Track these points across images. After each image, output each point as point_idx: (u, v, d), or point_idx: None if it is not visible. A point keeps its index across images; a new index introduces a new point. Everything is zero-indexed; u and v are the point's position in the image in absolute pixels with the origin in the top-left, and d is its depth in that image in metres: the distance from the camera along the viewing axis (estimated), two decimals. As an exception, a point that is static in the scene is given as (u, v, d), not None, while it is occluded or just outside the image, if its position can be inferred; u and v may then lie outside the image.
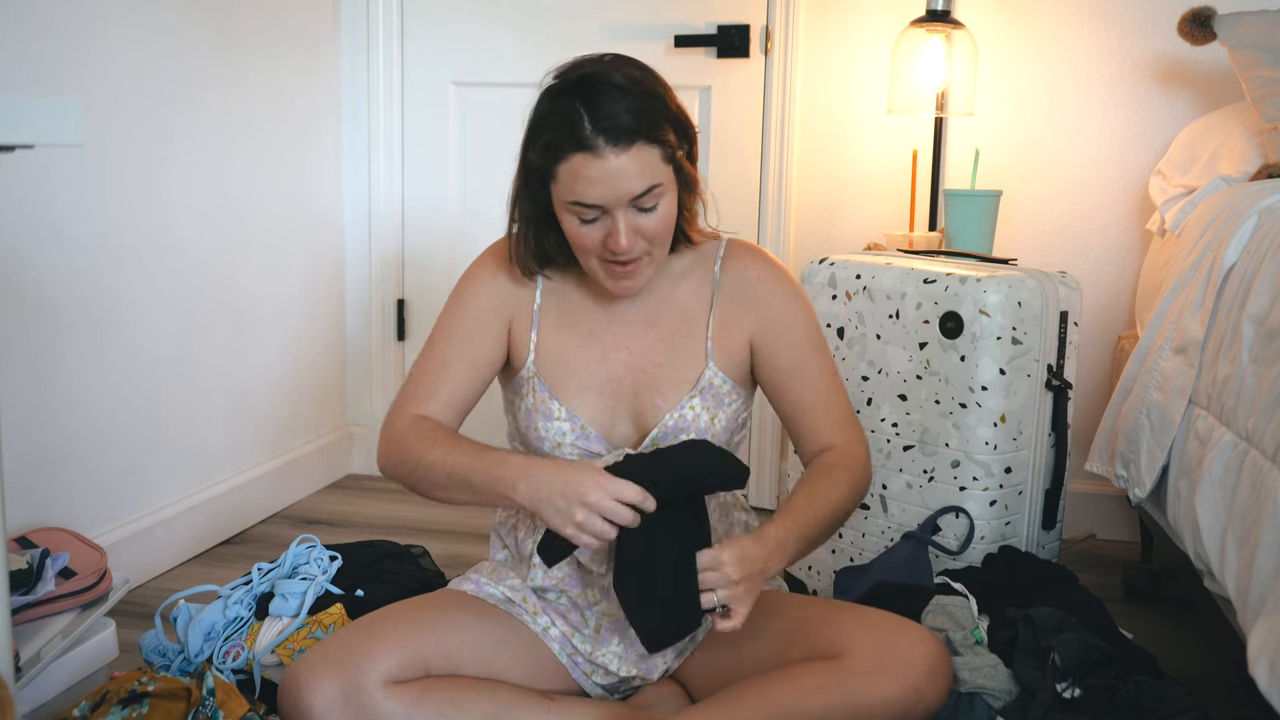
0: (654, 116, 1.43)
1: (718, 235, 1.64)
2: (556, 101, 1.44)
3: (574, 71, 1.45)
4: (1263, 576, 1.27)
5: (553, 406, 1.55)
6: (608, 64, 1.45)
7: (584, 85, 1.42)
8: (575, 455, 1.55)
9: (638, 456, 1.45)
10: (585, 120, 1.40)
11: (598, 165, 1.40)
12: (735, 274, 1.61)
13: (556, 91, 1.45)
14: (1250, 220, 1.70)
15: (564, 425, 1.55)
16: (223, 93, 2.47)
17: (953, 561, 1.94)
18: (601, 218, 1.45)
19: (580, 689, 1.58)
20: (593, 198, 1.42)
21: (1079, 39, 2.60)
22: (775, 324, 1.60)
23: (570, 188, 1.43)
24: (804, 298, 1.64)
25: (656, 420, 1.55)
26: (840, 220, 2.75)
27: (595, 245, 1.47)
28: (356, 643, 1.45)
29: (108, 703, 1.47)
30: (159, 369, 2.32)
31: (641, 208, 1.45)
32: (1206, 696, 1.57)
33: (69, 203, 2.05)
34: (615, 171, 1.41)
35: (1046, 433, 1.98)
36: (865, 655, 1.41)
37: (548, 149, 1.44)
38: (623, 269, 1.49)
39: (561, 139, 1.42)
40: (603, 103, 1.40)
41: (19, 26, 1.92)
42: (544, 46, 2.87)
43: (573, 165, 1.42)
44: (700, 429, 1.56)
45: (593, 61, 1.46)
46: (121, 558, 2.13)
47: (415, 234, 3.02)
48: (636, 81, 1.44)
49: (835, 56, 2.71)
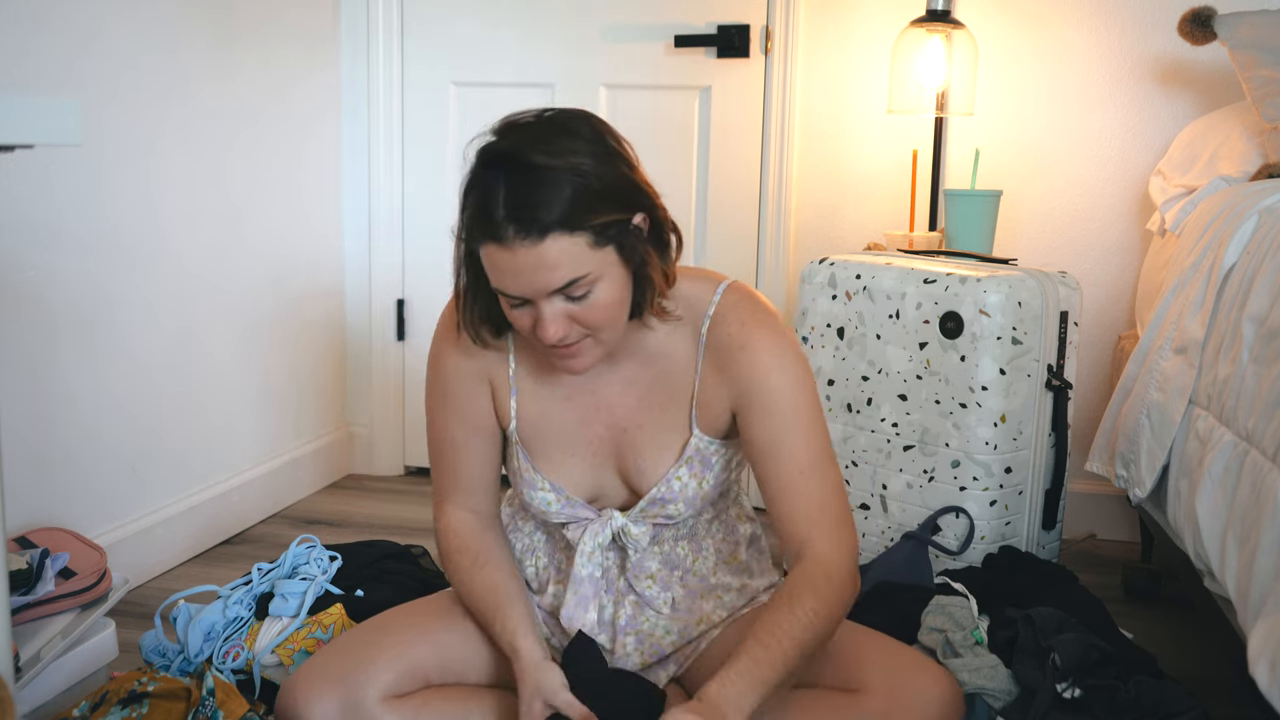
0: (584, 199, 1.26)
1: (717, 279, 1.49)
2: (479, 174, 1.31)
3: (502, 139, 1.31)
4: (1263, 576, 1.27)
5: (536, 478, 1.51)
6: (535, 133, 1.30)
7: (505, 160, 1.28)
8: (564, 519, 1.52)
9: (582, 660, 1.44)
10: (500, 203, 1.26)
11: (507, 257, 1.27)
12: (720, 338, 1.44)
13: (483, 161, 1.31)
14: (1250, 220, 1.70)
15: (548, 495, 1.51)
16: (221, 90, 2.47)
17: (953, 561, 1.94)
18: (527, 304, 1.32)
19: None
20: (511, 289, 1.30)
21: (1079, 39, 2.60)
22: (753, 396, 1.43)
23: (490, 272, 1.31)
24: (792, 367, 1.44)
25: (643, 482, 1.49)
26: (840, 220, 2.75)
27: (528, 329, 1.34)
28: (354, 657, 1.44)
29: (108, 703, 1.47)
30: (158, 369, 2.32)
31: (570, 296, 1.30)
32: (1206, 696, 1.57)
33: (67, 202, 2.05)
34: (528, 265, 1.27)
35: (1046, 433, 1.98)
36: (881, 695, 1.38)
37: (468, 228, 1.32)
38: (564, 351, 1.36)
39: (474, 222, 1.30)
40: (519, 186, 1.26)
41: (18, 25, 1.92)
42: (544, 46, 2.87)
43: (488, 252, 1.29)
44: (689, 497, 1.48)
45: (520, 128, 1.31)
46: (121, 558, 2.13)
47: (415, 234, 3.02)
48: (563, 155, 1.27)
49: (835, 56, 2.71)
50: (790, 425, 1.42)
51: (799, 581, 1.36)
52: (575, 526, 1.51)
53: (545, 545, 1.59)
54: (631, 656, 1.53)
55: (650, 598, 1.53)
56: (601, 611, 1.53)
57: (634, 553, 1.52)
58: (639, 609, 1.54)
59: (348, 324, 3.05)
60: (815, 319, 2.10)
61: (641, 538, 1.50)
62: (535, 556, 1.59)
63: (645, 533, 1.50)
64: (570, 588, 1.50)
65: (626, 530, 1.49)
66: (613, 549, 1.53)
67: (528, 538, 1.60)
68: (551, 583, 1.57)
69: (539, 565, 1.59)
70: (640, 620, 1.54)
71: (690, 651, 1.55)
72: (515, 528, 1.63)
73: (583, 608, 1.50)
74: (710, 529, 1.57)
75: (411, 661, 1.45)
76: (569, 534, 1.52)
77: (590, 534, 1.49)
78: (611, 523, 1.50)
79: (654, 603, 1.53)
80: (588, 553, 1.49)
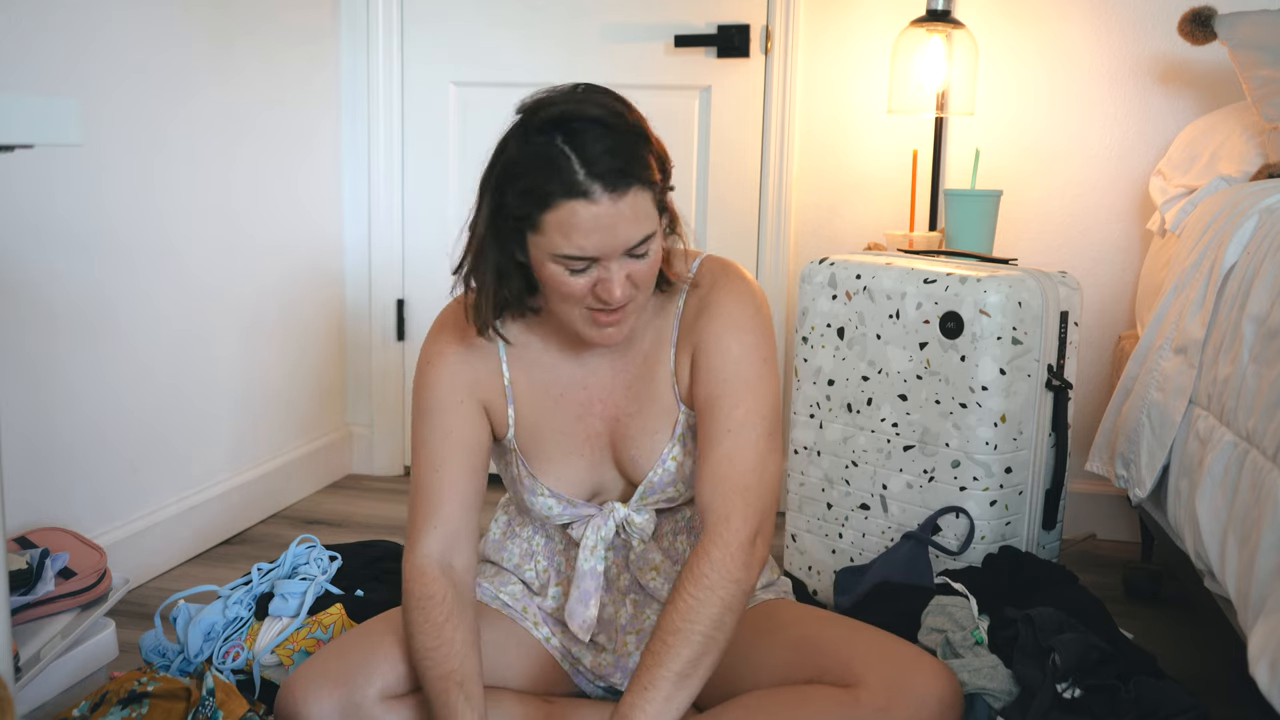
0: (641, 155, 1.30)
1: (694, 254, 1.49)
2: (533, 141, 1.29)
3: (547, 107, 1.30)
4: (1263, 576, 1.27)
5: (536, 485, 1.51)
6: (583, 97, 1.31)
7: (563, 122, 1.28)
8: (566, 519, 1.53)
9: None
10: (575, 162, 1.26)
11: (593, 214, 1.26)
12: (691, 305, 1.47)
13: (532, 129, 1.30)
14: (1251, 220, 1.70)
15: (549, 501, 1.51)
16: (221, 90, 2.47)
17: (953, 561, 1.94)
18: (591, 266, 1.31)
19: (581, 691, 1.58)
20: (589, 249, 1.28)
21: (1079, 39, 2.60)
22: (701, 354, 1.44)
23: (561, 239, 1.28)
24: (748, 331, 1.43)
25: (639, 470, 1.50)
26: (840, 220, 2.75)
27: (582, 294, 1.33)
28: (355, 657, 1.44)
29: (107, 703, 1.47)
30: (158, 369, 2.32)
31: (634, 254, 1.32)
32: (1206, 696, 1.57)
33: (67, 202, 2.05)
34: (611, 220, 1.27)
35: (1047, 433, 1.98)
36: (879, 690, 1.37)
37: (530, 195, 1.28)
38: (609, 317, 1.36)
39: (548, 184, 1.27)
40: (588, 142, 1.26)
41: (18, 25, 1.92)
42: (544, 46, 2.87)
43: (562, 214, 1.27)
44: (685, 477, 1.49)
45: (564, 95, 1.32)
46: (121, 558, 2.13)
47: (415, 234, 3.02)
48: (619, 115, 1.30)
49: (835, 56, 2.71)
50: (729, 386, 1.41)
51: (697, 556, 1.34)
52: (579, 524, 1.52)
53: (545, 548, 1.59)
54: (632, 656, 1.53)
55: (654, 589, 1.53)
56: (602, 609, 1.53)
57: (639, 544, 1.52)
58: (639, 608, 1.54)
59: (348, 324, 3.05)
60: (815, 319, 2.10)
61: (645, 526, 1.51)
62: (535, 560, 1.59)
63: (649, 520, 1.51)
64: (574, 583, 1.51)
65: (630, 521, 1.50)
66: (615, 545, 1.53)
67: (526, 542, 1.60)
68: (552, 584, 1.57)
69: (538, 568, 1.59)
70: (641, 619, 1.54)
71: None
72: (513, 533, 1.63)
73: (584, 603, 1.50)
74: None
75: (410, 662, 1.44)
76: (573, 532, 1.52)
77: (593, 528, 1.50)
78: (614, 515, 1.50)
79: (659, 594, 1.54)
80: (590, 547, 1.50)
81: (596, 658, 1.55)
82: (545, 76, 2.86)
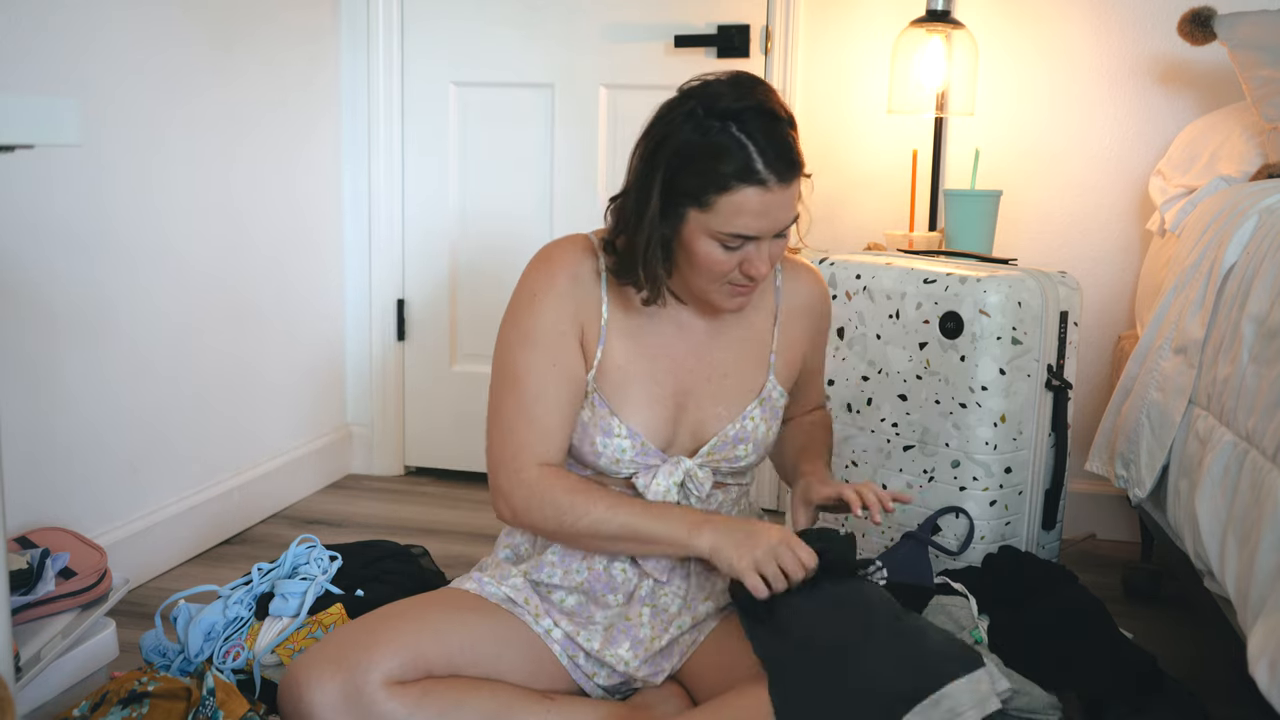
0: (798, 146, 1.45)
1: None
2: (708, 127, 1.42)
3: (720, 98, 1.43)
4: (1263, 576, 1.27)
5: (613, 423, 1.55)
6: (749, 88, 1.44)
7: (752, 114, 1.41)
8: (632, 470, 1.56)
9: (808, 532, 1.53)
10: (753, 151, 1.40)
11: (764, 199, 1.41)
12: (795, 290, 1.67)
13: (710, 115, 1.42)
14: (1250, 220, 1.70)
15: (624, 443, 1.55)
16: (222, 90, 2.47)
17: (953, 561, 1.94)
18: (744, 245, 1.45)
19: (580, 690, 1.58)
20: (754, 230, 1.43)
21: (1079, 39, 2.60)
22: (821, 338, 1.73)
23: (730, 219, 1.42)
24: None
25: (718, 429, 1.58)
26: (840, 220, 2.75)
27: (729, 269, 1.47)
28: (358, 642, 1.45)
29: (108, 703, 1.47)
30: (158, 369, 2.32)
31: (780, 235, 1.48)
32: (1206, 696, 1.57)
33: (67, 202, 2.05)
34: (777, 205, 1.43)
35: (1046, 433, 1.98)
36: None
37: (707, 177, 1.41)
38: (744, 289, 1.51)
39: (727, 169, 1.40)
40: (772, 135, 1.41)
41: (18, 26, 1.92)
42: (544, 46, 2.87)
43: (737, 198, 1.41)
44: (758, 439, 1.60)
45: (731, 86, 1.44)
46: (121, 558, 2.13)
47: (415, 234, 3.02)
48: (783, 108, 1.44)
49: (835, 56, 2.71)
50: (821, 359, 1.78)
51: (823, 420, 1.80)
52: (644, 473, 1.56)
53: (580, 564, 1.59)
54: (645, 627, 1.55)
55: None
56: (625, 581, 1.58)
57: (696, 502, 1.58)
58: (657, 585, 1.58)
59: (348, 324, 3.05)
60: (815, 319, 2.11)
61: (705, 482, 1.57)
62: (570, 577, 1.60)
63: (709, 478, 1.58)
64: None
65: (693, 474, 1.56)
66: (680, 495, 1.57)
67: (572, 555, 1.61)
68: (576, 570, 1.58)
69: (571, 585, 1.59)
70: (658, 595, 1.58)
71: (689, 644, 1.57)
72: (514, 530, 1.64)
73: None
74: (732, 514, 1.63)
75: (414, 649, 1.45)
76: (638, 482, 1.56)
77: (664, 474, 1.55)
78: (681, 465, 1.56)
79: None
80: (662, 492, 1.55)
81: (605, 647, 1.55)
82: (545, 76, 2.89)
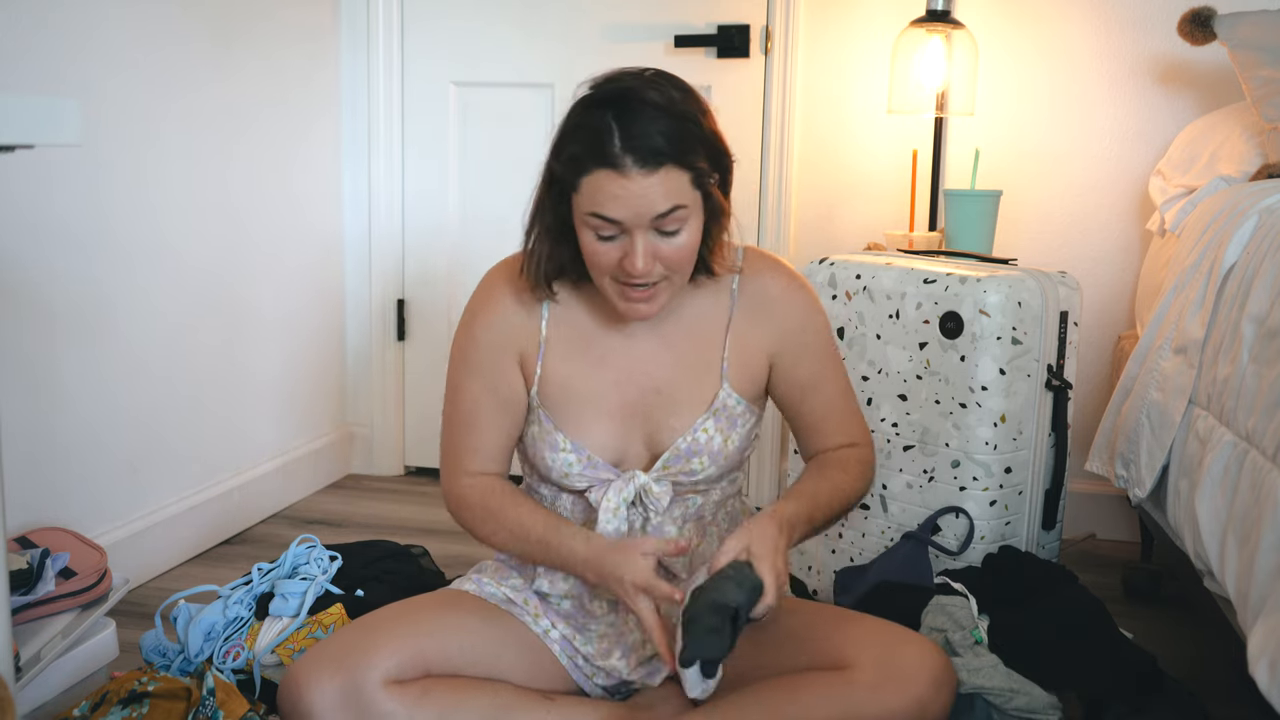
0: (687, 140, 1.40)
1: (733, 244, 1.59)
2: (588, 113, 1.40)
3: (611, 84, 1.42)
4: (1263, 576, 1.27)
5: (558, 439, 1.54)
6: (647, 80, 1.42)
7: (619, 100, 1.39)
8: (585, 484, 1.55)
9: None
10: (615, 136, 1.37)
11: (621, 184, 1.37)
12: (754, 290, 1.59)
13: (590, 103, 1.41)
14: (1250, 220, 1.70)
15: (570, 457, 1.54)
16: (221, 89, 2.47)
17: (953, 561, 1.94)
18: (620, 236, 1.41)
19: (580, 690, 1.58)
20: (613, 212, 1.39)
21: (1079, 39, 2.60)
22: (794, 340, 1.60)
23: (591, 199, 1.39)
24: (821, 307, 1.63)
25: (670, 442, 1.55)
26: (840, 220, 2.75)
27: (611, 265, 1.43)
28: (357, 642, 1.45)
29: (108, 703, 1.47)
30: (158, 369, 2.32)
31: (662, 230, 1.41)
32: (1206, 696, 1.57)
33: (67, 202, 2.05)
34: (639, 192, 1.38)
35: (1046, 433, 1.98)
36: (870, 668, 1.40)
37: (573, 161, 1.40)
38: (637, 293, 1.45)
39: (588, 153, 1.38)
40: (635, 121, 1.37)
41: (17, 25, 1.92)
42: (544, 46, 2.87)
43: (596, 180, 1.38)
44: (713, 451, 1.55)
45: (632, 76, 1.42)
46: (121, 558, 2.13)
47: (415, 234, 3.02)
48: (674, 102, 1.41)
49: (835, 56, 2.71)
50: (828, 360, 1.63)
51: (847, 455, 1.61)
52: (598, 487, 1.54)
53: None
54: (634, 633, 1.55)
55: (670, 561, 1.55)
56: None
57: (655, 515, 1.55)
58: None
59: (348, 324, 3.05)
60: (815, 319, 2.10)
61: (662, 497, 1.54)
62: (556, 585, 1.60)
63: (666, 492, 1.55)
64: None
65: (648, 489, 1.54)
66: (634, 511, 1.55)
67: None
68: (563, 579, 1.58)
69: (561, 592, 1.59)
70: None
71: None
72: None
73: None
74: (716, 516, 1.62)
75: (414, 650, 1.45)
76: (591, 496, 1.55)
77: (615, 490, 1.53)
78: (634, 480, 1.53)
79: (673, 566, 1.56)
80: (612, 508, 1.52)
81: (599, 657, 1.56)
82: (545, 76, 2.89)
